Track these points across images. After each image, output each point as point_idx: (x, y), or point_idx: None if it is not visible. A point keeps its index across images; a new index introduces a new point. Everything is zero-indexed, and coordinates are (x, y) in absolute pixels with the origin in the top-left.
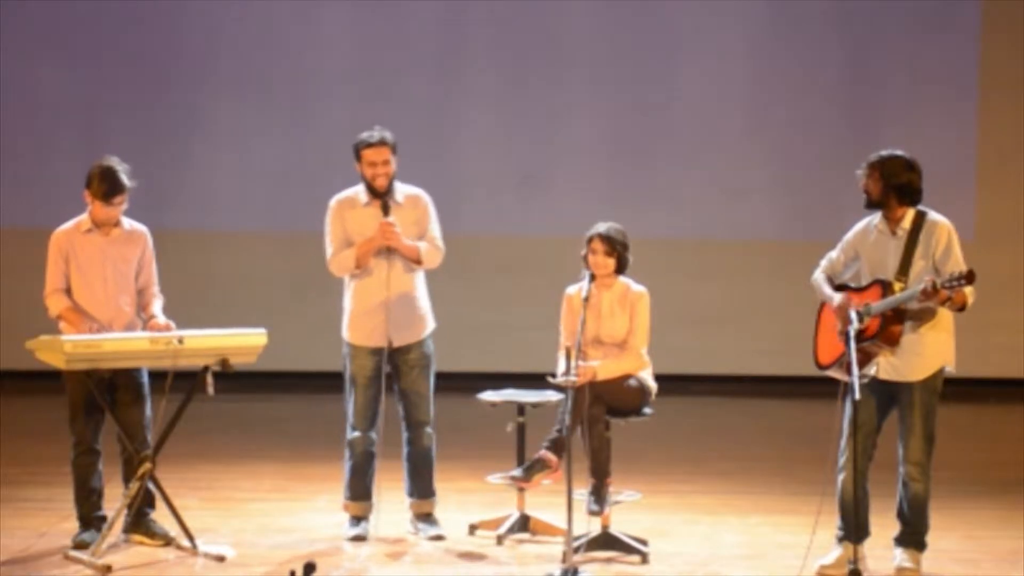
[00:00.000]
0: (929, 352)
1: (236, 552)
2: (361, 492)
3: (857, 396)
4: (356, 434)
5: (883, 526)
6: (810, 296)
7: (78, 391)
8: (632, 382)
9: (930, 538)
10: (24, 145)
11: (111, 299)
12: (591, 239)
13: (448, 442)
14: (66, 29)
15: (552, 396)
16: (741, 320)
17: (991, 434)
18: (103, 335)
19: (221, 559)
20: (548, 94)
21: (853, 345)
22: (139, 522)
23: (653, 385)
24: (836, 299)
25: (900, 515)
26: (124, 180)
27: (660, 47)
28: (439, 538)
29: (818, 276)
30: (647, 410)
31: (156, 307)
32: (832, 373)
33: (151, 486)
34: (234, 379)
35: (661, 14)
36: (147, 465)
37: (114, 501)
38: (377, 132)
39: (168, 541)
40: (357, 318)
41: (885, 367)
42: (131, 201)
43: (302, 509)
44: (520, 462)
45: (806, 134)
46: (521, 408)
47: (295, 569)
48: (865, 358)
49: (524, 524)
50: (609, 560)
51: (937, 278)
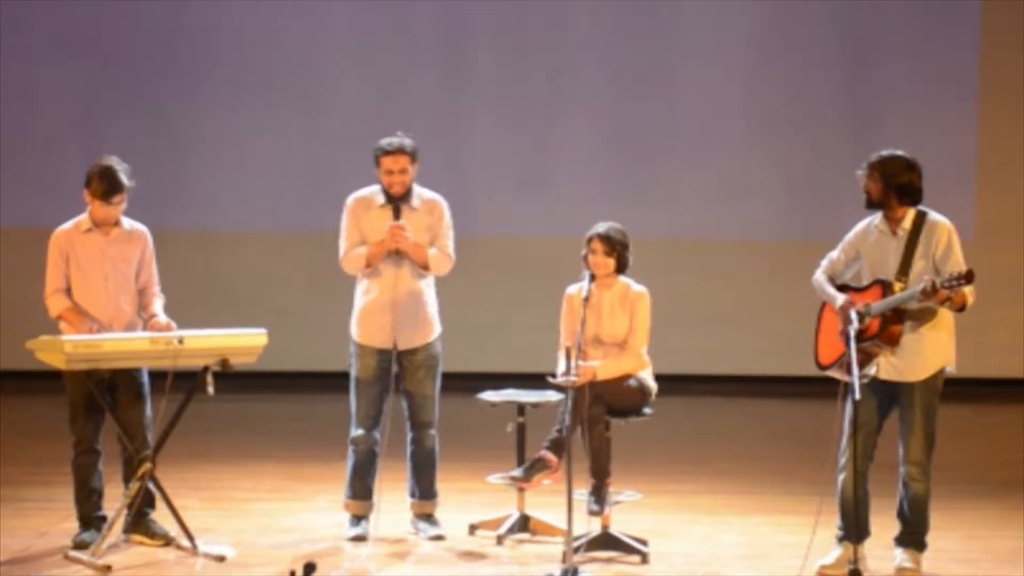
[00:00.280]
0: (929, 352)
1: (236, 552)
2: (362, 491)
3: (857, 396)
4: (359, 433)
5: (883, 526)
6: (810, 296)
7: (78, 391)
8: (632, 382)
9: (930, 538)
10: (24, 145)
11: (111, 299)
12: (591, 239)
13: (448, 442)
14: (66, 29)
15: (552, 396)
16: (741, 320)
17: (991, 434)
18: (103, 335)
19: (221, 559)
20: (548, 94)
21: (853, 345)
22: (139, 522)
23: (653, 385)
24: (839, 299)
25: (900, 515)
26: (123, 179)
27: (660, 47)
28: (439, 538)
29: (819, 276)
30: (647, 410)
31: (157, 306)
32: (832, 373)
33: (151, 486)
34: (234, 379)
35: (661, 14)
36: (147, 465)
37: (114, 501)
38: (397, 140)
39: (168, 541)
40: (364, 317)
41: (885, 367)
42: (131, 201)
43: (302, 509)
44: (520, 462)
45: (806, 134)
46: (521, 408)
47: (295, 569)
48: (865, 358)
49: (524, 524)
50: (609, 560)
51: (937, 278)
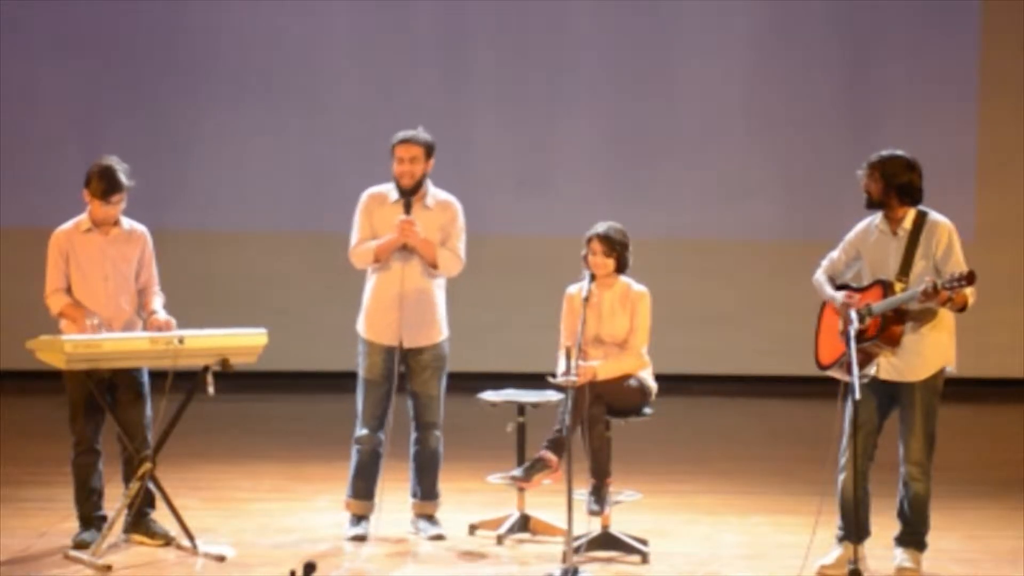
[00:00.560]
0: (930, 352)
1: (236, 552)
2: (364, 491)
3: (857, 396)
4: (364, 433)
5: (883, 526)
6: (810, 296)
7: (78, 391)
8: (632, 382)
9: (930, 538)
10: (24, 145)
11: (111, 298)
12: (590, 239)
13: (448, 442)
14: (66, 29)
15: (552, 396)
16: (741, 320)
17: (991, 434)
18: (103, 335)
19: (221, 559)
20: (548, 94)
21: (854, 345)
22: (139, 522)
23: (653, 385)
24: (839, 298)
25: (900, 515)
26: (122, 179)
27: (660, 47)
28: (439, 538)
29: (819, 276)
30: (647, 410)
31: (157, 303)
32: (833, 373)
33: (151, 486)
34: (234, 379)
35: (661, 14)
36: (147, 465)
37: (114, 501)
38: (412, 131)
39: (168, 541)
40: (371, 314)
41: (886, 367)
42: (131, 201)
43: (302, 509)
44: (520, 462)
45: (806, 134)
46: (521, 408)
47: (295, 569)
48: (866, 358)
49: (524, 524)
50: (609, 560)
51: (938, 279)
